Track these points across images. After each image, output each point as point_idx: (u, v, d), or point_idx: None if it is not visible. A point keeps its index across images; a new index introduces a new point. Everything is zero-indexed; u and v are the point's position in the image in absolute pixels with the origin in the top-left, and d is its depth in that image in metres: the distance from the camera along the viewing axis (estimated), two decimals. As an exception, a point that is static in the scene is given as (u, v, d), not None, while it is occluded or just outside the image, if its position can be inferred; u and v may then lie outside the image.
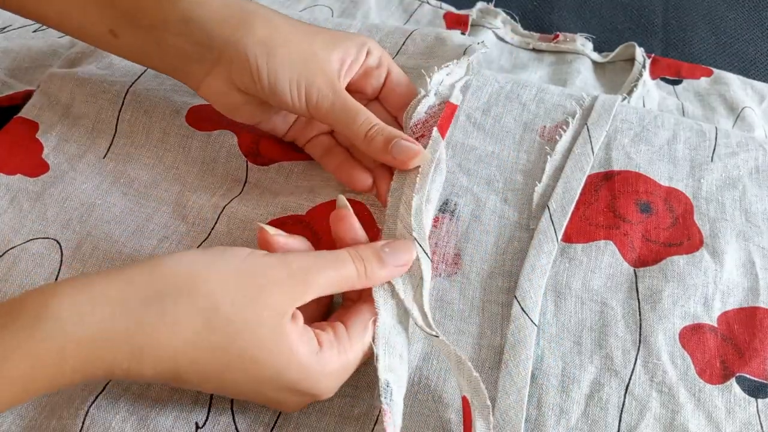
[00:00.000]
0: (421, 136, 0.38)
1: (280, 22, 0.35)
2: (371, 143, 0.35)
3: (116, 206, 0.38)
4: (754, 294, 0.37)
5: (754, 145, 0.43)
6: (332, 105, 0.35)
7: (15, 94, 0.45)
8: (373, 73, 0.39)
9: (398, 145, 0.35)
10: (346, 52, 0.37)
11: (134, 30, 0.36)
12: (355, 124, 0.35)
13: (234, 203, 0.38)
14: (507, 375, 0.32)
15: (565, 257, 0.37)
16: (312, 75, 0.35)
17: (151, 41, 0.36)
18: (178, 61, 0.36)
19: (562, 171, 0.40)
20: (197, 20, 0.34)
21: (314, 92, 0.35)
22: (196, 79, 0.36)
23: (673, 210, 0.40)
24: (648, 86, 0.54)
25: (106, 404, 0.31)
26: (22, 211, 0.38)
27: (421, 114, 0.39)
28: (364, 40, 0.38)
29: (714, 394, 0.33)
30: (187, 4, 0.34)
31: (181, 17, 0.34)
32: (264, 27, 0.35)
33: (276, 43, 0.34)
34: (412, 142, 0.36)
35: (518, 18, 0.60)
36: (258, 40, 0.34)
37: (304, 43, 0.35)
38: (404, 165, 0.36)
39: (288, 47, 0.35)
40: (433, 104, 0.40)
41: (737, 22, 0.63)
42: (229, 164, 0.41)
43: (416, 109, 0.39)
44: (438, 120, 0.38)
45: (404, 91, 0.40)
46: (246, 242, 0.37)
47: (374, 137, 0.35)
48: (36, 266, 0.35)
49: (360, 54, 0.38)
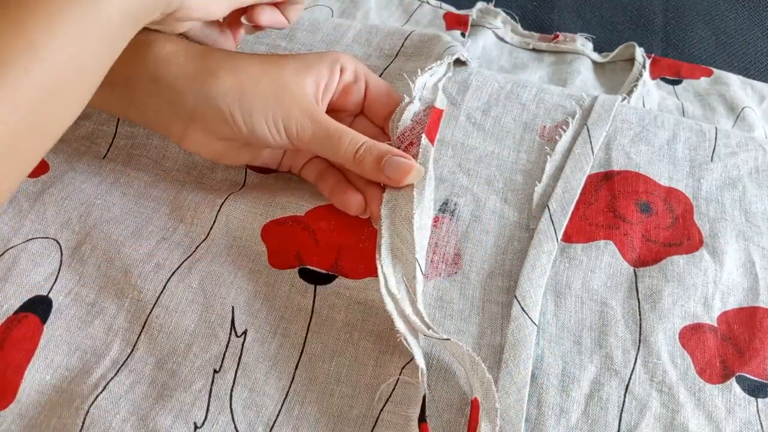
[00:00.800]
0: (410, 144, 0.38)
1: (245, 65, 0.35)
2: (362, 165, 0.35)
3: (115, 206, 0.38)
4: (754, 294, 0.37)
5: (754, 145, 0.43)
6: (314, 134, 0.35)
7: (15, 94, 0.45)
8: (351, 89, 0.39)
9: (390, 162, 0.35)
10: (319, 74, 0.36)
11: (109, 87, 0.34)
12: (341, 149, 0.35)
13: (231, 200, 0.38)
14: (507, 374, 0.32)
15: (565, 257, 0.37)
16: (287, 108, 0.34)
17: (126, 98, 0.35)
18: (155, 117, 0.36)
19: (562, 171, 0.40)
20: (165, 79, 0.34)
21: (293, 125, 0.34)
22: (177, 134, 0.35)
23: (673, 210, 0.40)
24: (648, 86, 0.54)
25: (106, 404, 0.31)
26: (22, 210, 0.38)
27: (407, 121, 0.39)
28: (336, 57, 0.37)
29: (714, 394, 0.33)
30: (154, 64, 0.34)
31: (150, 76, 0.34)
32: (230, 74, 0.34)
33: (245, 86, 0.34)
34: (404, 156, 0.35)
35: (518, 18, 0.60)
36: (227, 90, 0.34)
37: (273, 77, 0.35)
38: (398, 183, 0.35)
39: (257, 86, 0.34)
40: (418, 110, 0.40)
41: (737, 22, 0.63)
42: (228, 170, 0.41)
43: (401, 117, 0.38)
44: (425, 126, 0.38)
45: (386, 100, 0.40)
46: (245, 241, 0.37)
47: (364, 158, 0.35)
48: (35, 266, 0.35)
49: (333, 73, 0.37)
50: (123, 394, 0.31)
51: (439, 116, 0.40)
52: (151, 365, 0.33)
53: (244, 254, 0.36)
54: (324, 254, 0.36)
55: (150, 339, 0.33)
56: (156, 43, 0.34)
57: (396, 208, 0.35)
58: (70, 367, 0.32)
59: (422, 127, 0.38)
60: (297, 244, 0.36)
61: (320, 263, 0.36)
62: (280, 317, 0.34)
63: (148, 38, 0.34)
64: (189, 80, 0.34)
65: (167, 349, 0.33)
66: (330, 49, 0.46)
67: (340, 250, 0.36)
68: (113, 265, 0.36)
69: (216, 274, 0.36)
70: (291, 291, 0.35)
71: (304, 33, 0.48)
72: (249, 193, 0.39)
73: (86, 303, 0.35)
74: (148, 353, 0.33)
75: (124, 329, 0.34)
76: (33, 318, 0.34)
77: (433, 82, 0.43)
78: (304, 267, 0.36)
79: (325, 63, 0.37)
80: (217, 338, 0.33)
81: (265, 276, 0.36)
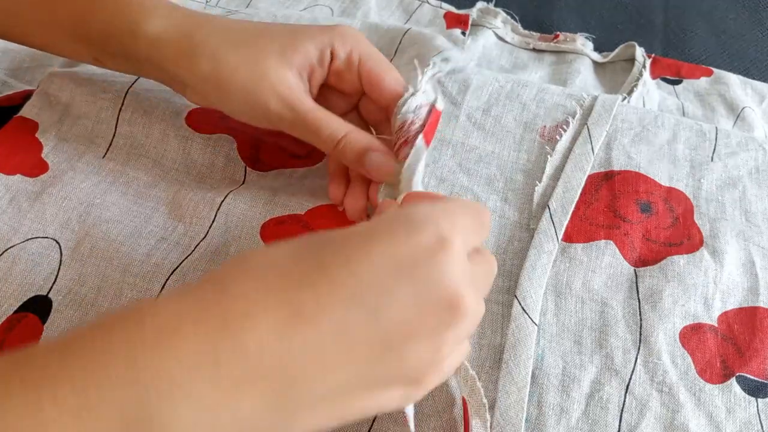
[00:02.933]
0: (405, 142, 0.37)
1: (225, 50, 0.34)
2: (343, 156, 0.35)
3: (115, 206, 0.38)
4: (754, 294, 0.37)
5: (754, 145, 0.43)
6: (292, 124, 0.35)
7: (14, 94, 0.45)
8: (343, 76, 0.37)
9: (371, 159, 0.35)
10: (305, 56, 0.35)
11: (114, 59, 0.37)
12: (320, 139, 0.35)
13: (230, 198, 0.38)
14: (507, 374, 0.32)
15: (565, 257, 0.37)
16: (264, 99, 0.34)
17: (132, 67, 0.38)
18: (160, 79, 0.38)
19: (562, 171, 0.40)
20: (157, 58, 0.35)
21: (272, 116, 0.35)
22: (180, 92, 0.37)
23: (673, 210, 0.40)
24: (648, 86, 0.54)
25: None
26: (21, 210, 0.38)
27: (408, 114, 0.38)
28: (330, 37, 0.36)
29: (714, 394, 0.33)
30: (144, 44, 0.35)
31: (144, 55, 0.35)
32: (208, 61, 0.34)
33: (221, 77, 0.34)
34: (388, 154, 0.35)
35: (518, 18, 0.60)
36: (205, 77, 0.34)
37: (252, 66, 0.34)
38: (379, 179, 0.35)
39: (234, 78, 0.34)
40: (419, 104, 0.39)
41: (737, 22, 0.63)
42: (227, 168, 0.41)
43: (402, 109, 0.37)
44: (424, 127, 0.38)
45: (386, 86, 0.37)
46: (244, 240, 0.37)
47: (344, 151, 0.35)
48: (35, 266, 0.35)
49: (324, 57, 0.36)
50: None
51: (438, 118, 0.40)
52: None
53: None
54: None
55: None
56: (143, 26, 0.35)
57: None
58: (70, 367, 0.32)
59: (421, 128, 0.38)
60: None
61: None
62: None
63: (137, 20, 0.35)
64: (174, 59, 0.35)
65: (167, 348, 0.33)
66: None
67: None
68: (112, 265, 0.36)
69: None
70: None
71: (304, 32, 0.47)
72: (248, 191, 0.39)
73: (86, 303, 0.34)
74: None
75: (124, 329, 0.34)
76: (33, 318, 0.34)
77: (430, 74, 0.43)
78: None
79: (314, 44, 0.35)
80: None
81: None
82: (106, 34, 0.36)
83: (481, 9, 0.60)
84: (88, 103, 0.42)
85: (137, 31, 0.35)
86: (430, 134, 0.38)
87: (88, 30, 0.36)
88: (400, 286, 0.22)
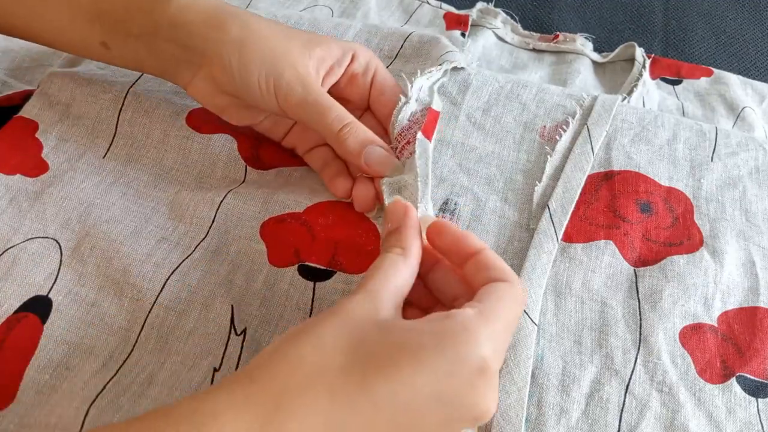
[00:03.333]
0: (407, 143, 0.38)
1: (256, 23, 0.36)
2: (343, 144, 0.35)
3: (115, 206, 0.38)
4: (755, 294, 0.37)
5: (754, 145, 0.43)
6: (303, 100, 0.35)
7: (14, 93, 0.45)
8: (358, 80, 0.39)
9: (372, 151, 0.35)
10: (327, 52, 0.37)
11: (125, 40, 0.36)
12: (325, 121, 0.35)
13: (230, 197, 0.38)
14: (507, 374, 0.32)
15: (565, 257, 0.37)
16: (281, 69, 0.35)
17: (143, 48, 0.37)
18: (168, 65, 0.37)
19: (562, 171, 0.40)
20: (184, 24, 0.35)
21: (283, 86, 0.35)
22: (185, 81, 0.37)
23: (673, 210, 0.40)
24: (648, 86, 0.54)
25: (106, 404, 0.31)
26: (21, 210, 0.38)
27: (404, 121, 0.39)
28: (352, 45, 0.38)
29: (714, 394, 0.33)
30: (176, 10, 0.35)
31: (170, 22, 0.35)
32: (239, 27, 0.35)
33: (249, 41, 0.35)
34: (388, 150, 0.35)
35: (518, 18, 0.60)
36: (232, 39, 0.35)
37: (279, 40, 0.36)
38: (377, 174, 0.35)
39: (260, 44, 0.35)
40: (415, 111, 0.40)
41: (737, 22, 0.63)
42: (228, 168, 0.41)
43: (399, 117, 0.39)
44: (422, 126, 0.38)
45: (390, 98, 0.39)
46: (244, 240, 0.37)
47: (347, 138, 0.35)
48: (35, 266, 0.35)
49: (344, 57, 0.37)
50: (122, 392, 0.31)
51: (435, 117, 0.40)
52: (150, 365, 0.33)
53: (243, 252, 0.36)
54: (322, 250, 0.36)
55: (149, 338, 0.33)
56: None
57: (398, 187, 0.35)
58: (70, 367, 0.32)
59: (419, 127, 0.38)
60: (295, 241, 0.36)
61: (318, 259, 0.36)
62: (280, 315, 0.34)
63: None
64: (204, 26, 0.35)
65: (167, 348, 0.33)
66: None
67: (338, 245, 0.36)
68: (112, 265, 0.36)
69: (215, 273, 0.36)
70: (290, 289, 0.35)
71: (304, 33, 0.47)
72: (248, 190, 0.39)
73: (86, 303, 0.34)
74: (147, 353, 0.33)
75: (124, 329, 0.34)
76: (33, 318, 0.34)
77: (428, 84, 0.43)
78: (303, 264, 0.36)
79: (337, 45, 0.37)
80: (217, 337, 0.33)
81: (264, 274, 0.36)
82: (128, 5, 0.36)
83: (481, 9, 0.60)
84: (89, 103, 0.42)
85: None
86: (430, 132, 0.39)
87: (109, 3, 0.36)
88: (437, 410, 0.24)
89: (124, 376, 0.32)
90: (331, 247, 0.36)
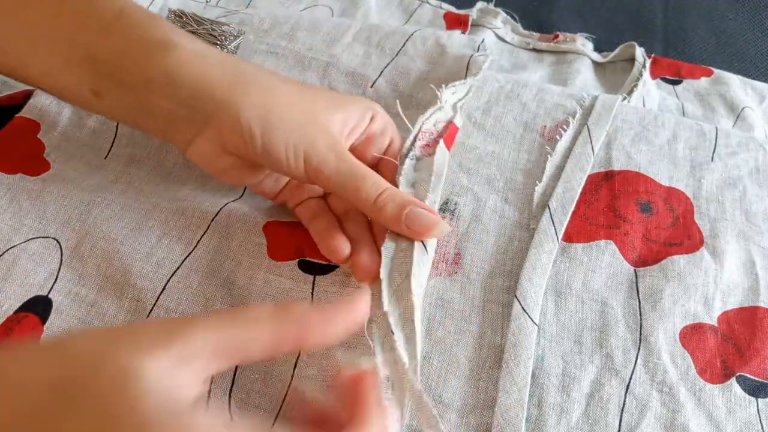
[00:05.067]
0: (426, 145, 0.38)
1: (278, 86, 0.33)
2: (382, 211, 0.33)
3: (116, 204, 0.38)
4: (755, 294, 0.37)
5: (754, 145, 0.43)
6: (336, 169, 0.33)
7: (16, 93, 0.45)
8: (376, 140, 0.37)
9: (414, 213, 0.33)
10: (349, 114, 0.35)
11: (117, 90, 0.33)
12: (362, 190, 0.33)
13: (233, 203, 0.38)
14: (507, 374, 0.32)
15: (565, 257, 0.37)
16: (312, 138, 0.33)
17: (136, 102, 0.33)
18: (164, 123, 0.33)
19: (562, 171, 0.40)
20: (183, 80, 0.32)
21: (314, 156, 0.33)
22: (185, 141, 0.33)
23: (674, 210, 0.40)
24: (648, 86, 0.54)
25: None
26: (22, 210, 0.38)
27: (430, 126, 0.39)
28: (370, 105, 0.37)
29: (714, 394, 0.33)
30: (172, 64, 0.32)
31: (165, 77, 0.32)
32: (260, 90, 0.33)
33: (272, 105, 0.32)
34: (429, 210, 0.33)
35: (518, 18, 0.60)
36: (252, 103, 0.32)
37: (303, 105, 0.34)
38: (419, 236, 0.33)
39: (285, 110, 0.33)
40: (438, 119, 0.40)
41: (737, 22, 0.63)
42: None
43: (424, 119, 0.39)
44: (443, 136, 0.39)
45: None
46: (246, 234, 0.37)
47: (385, 204, 0.33)
48: (35, 266, 0.35)
49: (364, 118, 0.36)
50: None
51: (455, 132, 0.41)
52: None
53: (244, 247, 0.36)
54: None
55: (150, 339, 0.33)
56: (178, 44, 0.32)
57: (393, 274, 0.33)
58: (70, 367, 0.32)
59: (440, 135, 0.39)
60: (298, 239, 0.36)
61: (321, 255, 0.36)
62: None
63: (169, 39, 0.33)
64: (211, 84, 0.32)
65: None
66: (331, 50, 0.46)
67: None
68: (113, 265, 0.36)
69: (216, 273, 0.35)
70: (290, 283, 0.35)
71: (304, 33, 0.47)
72: (252, 197, 0.39)
73: (86, 303, 0.34)
74: (148, 353, 0.33)
75: (124, 329, 0.34)
76: (33, 318, 0.34)
77: (453, 100, 0.43)
78: (303, 259, 0.36)
79: (358, 106, 0.36)
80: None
81: (264, 270, 0.35)
82: (123, 53, 0.33)
83: (481, 9, 0.60)
84: (89, 103, 0.42)
85: (172, 43, 0.32)
86: (449, 143, 0.40)
87: (104, 49, 0.33)
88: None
89: (124, 376, 0.32)
90: None
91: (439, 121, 0.40)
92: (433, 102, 0.41)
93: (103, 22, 0.33)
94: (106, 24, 0.33)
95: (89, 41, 0.33)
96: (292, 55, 0.46)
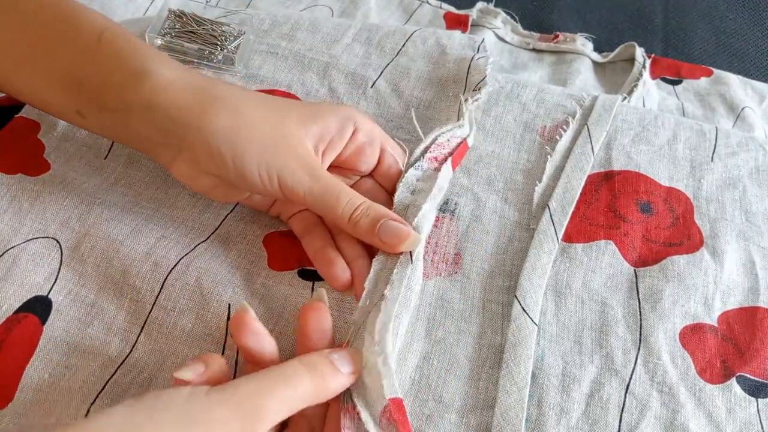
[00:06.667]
0: (435, 158, 0.39)
1: (246, 108, 0.33)
2: (356, 226, 0.34)
3: (116, 205, 0.38)
4: (755, 294, 0.37)
5: (754, 145, 0.43)
6: (309, 189, 0.33)
7: (15, 93, 0.45)
8: (365, 150, 0.37)
9: (386, 225, 0.33)
10: (326, 126, 0.35)
11: (100, 112, 0.34)
12: (337, 209, 0.33)
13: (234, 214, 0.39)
14: (507, 374, 0.32)
15: (565, 257, 0.37)
16: (283, 159, 0.33)
17: (118, 124, 0.34)
18: (145, 145, 0.34)
19: (562, 171, 0.40)
20: (160, 106, 0.32)
21: (287, 177, 0.33)
22: (166, 162, 0.34)
23: (674, 210, 0.40)
24: (648, 86, 0.54)
25: (105, 404, 0.31)
26: (22, 210, 0.37)
27: (444, 140, 0.39)
28: (351, 114, 0.36)
29: (714, 394, 0.33)
30: (150, 91, 0.33)
31: (144, 103, 0.33)
32: (228, 113, 0.33)
33: (240, 128, 0.32)
34: (401, 222, 0.34)
35: (518, 18, 0.60)
36: (221, 127, 0.32)
37: (274, 125, 0.33)
38: (393, 249, 0.34)
39: (254, 132, 0.33)
40: (454, 135, 0.40)
41: (737, 22, 0.63)
42: None
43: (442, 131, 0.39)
44: (452, 153, 0.39)
45: (398, 171, 0.38)
46: (246, 245, 0.37)
47: (359, 219, 0.34)
48: (35, 266, 0.35)
49: (345, 129, 0.35)
50: (122, 393, 0.31)
51: (465, 151, 0.41)
52: (150, 365, 0.33)
53: (243, 256, 0.36)
54: None
55: (149, 339, 0.33)
56: (154, 72, 0.33)
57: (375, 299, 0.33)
58: (69, 366, 0.32)
59: (449, 153, 0.39)
60: (298, 251, 0.36)
61: None
62: (278, 315, 0.34)
63: (145, 68, 0.33)
64: (184, 110, 0.32)
65: (166, 348, 0.33)
66: (331, 50, 0.46)
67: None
68: (112, 265, 0.36)
69: (213, 272, 0.35)
70: (289, 290, 0.35)
71: (304, 33, 0.47)
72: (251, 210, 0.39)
73: (86, 303, 0.34)
74: (147, 353, 0.33)
75: (123, 329, 0.34)
76: (33, 318, 0.34)
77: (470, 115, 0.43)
78: (303, 268, 0.36)
79: (336, 117, 0.35)
80: (214, 337, 0.33)
81: (263, 277, 0.36)
82: (104, 79, 0.33)
83: (481, 9, 0.60)
84: (89, 103, 0.42)
85: (148, 72, 0.33)
86: (456, 162, 0.40)
87: (84, 73, 0.33)
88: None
89: (123, 376, 0.32)
90: None
91: (454, 136, 0.40)
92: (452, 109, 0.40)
93: (85, 44, 0.34)
94: (86, 47, 0.34)
95: (71, 65, 0.33)
96: (292, 56, 0.46)
